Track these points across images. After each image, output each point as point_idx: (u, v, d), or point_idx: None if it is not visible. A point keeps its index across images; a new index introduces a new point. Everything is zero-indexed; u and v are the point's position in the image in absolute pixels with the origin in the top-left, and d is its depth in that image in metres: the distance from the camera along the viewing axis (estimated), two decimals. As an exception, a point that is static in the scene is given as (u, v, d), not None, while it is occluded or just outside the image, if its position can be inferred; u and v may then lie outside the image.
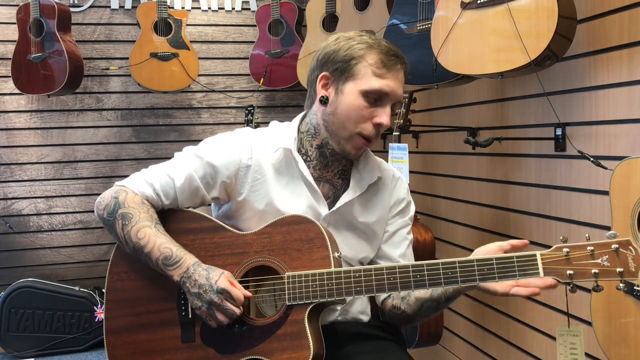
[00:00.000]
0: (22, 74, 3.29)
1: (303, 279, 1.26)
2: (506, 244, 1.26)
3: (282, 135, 1.43)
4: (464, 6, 1.84)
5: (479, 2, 1.80)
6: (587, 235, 1.18)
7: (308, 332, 1.25)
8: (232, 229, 1.37)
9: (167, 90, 3.47)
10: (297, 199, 1.40)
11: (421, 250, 2.26)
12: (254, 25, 3.71)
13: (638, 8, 1.60)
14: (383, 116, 1.34)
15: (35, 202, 3.61)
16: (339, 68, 1.36)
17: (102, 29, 3.66)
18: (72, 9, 3.50)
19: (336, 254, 1.30)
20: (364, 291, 1.24)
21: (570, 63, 1.85)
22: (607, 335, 1.45)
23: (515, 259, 1.18)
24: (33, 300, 3.27)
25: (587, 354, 1.81)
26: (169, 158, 1.46)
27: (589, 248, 1.14)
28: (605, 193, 1.69)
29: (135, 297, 1.38)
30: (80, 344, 3.32)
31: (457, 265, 1.21)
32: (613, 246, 1.13)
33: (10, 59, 3.33)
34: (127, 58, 3.50)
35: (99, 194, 1.44)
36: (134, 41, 3.49)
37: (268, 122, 1.55)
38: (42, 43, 3.29)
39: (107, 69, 3.65)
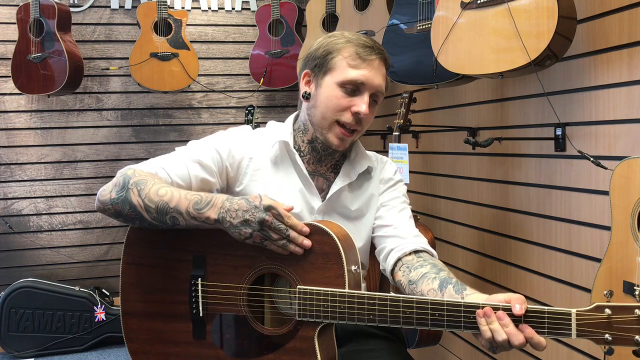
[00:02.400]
0: (22, 74, 3.29)
1: (315, 296, 1.22)
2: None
3: (278, 131, 1.49)
4: (464, 6, 1.84)
5: (479, 2, 1.80)
6: (638, 290, 1.02)
7: (317, 350, 1.23)
8: None
9: (167, 90, 3.47)
10: (291, 192, 1.44)
11: (421, 250, 2.25)
12: (254, 25, 3.71)
13: (638, 8, 1.60)
14: (361, 105, 1.37)
15: (35, 202, 3.61)
16: (317, 64, 1.42)
17: (102, 29, 3.66)
18: (72, 9, 3.50)
19: (353, 268, 1.25)
20: (377, 320, 1.18)
21: (570, 63, 1.85)
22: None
23: (546, 315, 1.06)
24: (33, 300, 3.28)
25: (586, 354, 1.81)
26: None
27: (637, 311, 0.99)
28: (605, 193, 1.69)
29: (149, 284, 1.36)
30: (80, 344, 3.32)
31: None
32: None
33: (10, 59, 3.33)
34: (127, 58, 3.50)
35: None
36: (134, 41, 3.49)
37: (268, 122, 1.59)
38: (42, 43, 3.29)
39: (107, 69, 3.65)
